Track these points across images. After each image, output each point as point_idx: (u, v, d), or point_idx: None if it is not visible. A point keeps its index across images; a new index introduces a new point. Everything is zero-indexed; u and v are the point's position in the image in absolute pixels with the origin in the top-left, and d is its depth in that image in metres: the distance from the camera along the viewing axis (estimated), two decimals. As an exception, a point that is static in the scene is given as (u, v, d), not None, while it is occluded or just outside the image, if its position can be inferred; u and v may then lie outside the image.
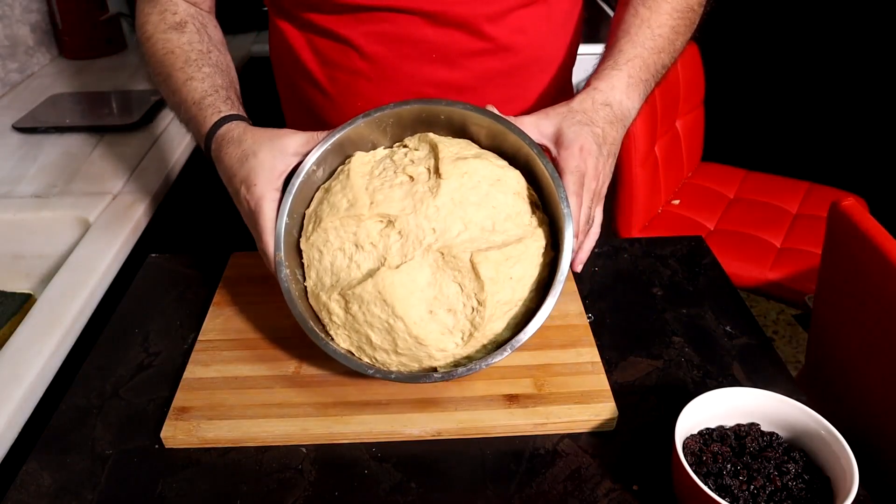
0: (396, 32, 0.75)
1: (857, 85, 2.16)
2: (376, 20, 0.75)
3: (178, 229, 1.12)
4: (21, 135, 1.21)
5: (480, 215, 0.60)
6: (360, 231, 0.60)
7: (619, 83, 0.68)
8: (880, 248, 0.84)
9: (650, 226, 1.75)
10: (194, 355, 0.68)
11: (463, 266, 0.58)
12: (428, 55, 0.76)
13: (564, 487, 0.55)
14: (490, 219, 0.60)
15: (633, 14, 0.73)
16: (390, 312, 0.57)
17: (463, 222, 0.59)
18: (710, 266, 0.82)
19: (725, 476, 0.51)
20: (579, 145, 0.62)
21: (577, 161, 0.61)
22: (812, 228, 1.71)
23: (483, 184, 0.61)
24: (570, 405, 0.61)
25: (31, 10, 1.53)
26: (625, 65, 0.69)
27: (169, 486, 0.57)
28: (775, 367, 0.67)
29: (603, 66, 0.71)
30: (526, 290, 0.60)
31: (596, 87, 0.68)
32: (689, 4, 0.75)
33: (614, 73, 0.69)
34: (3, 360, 0.71)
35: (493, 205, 0.60)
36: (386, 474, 0.57)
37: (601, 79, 0.69)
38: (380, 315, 0.58)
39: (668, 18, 0.73)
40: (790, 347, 2.01)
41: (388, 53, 0.76)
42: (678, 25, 0.74)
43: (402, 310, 0.57)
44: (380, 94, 0.78)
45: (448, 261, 0.58)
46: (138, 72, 1.53)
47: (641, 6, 0.74)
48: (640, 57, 0.70)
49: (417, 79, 0.78)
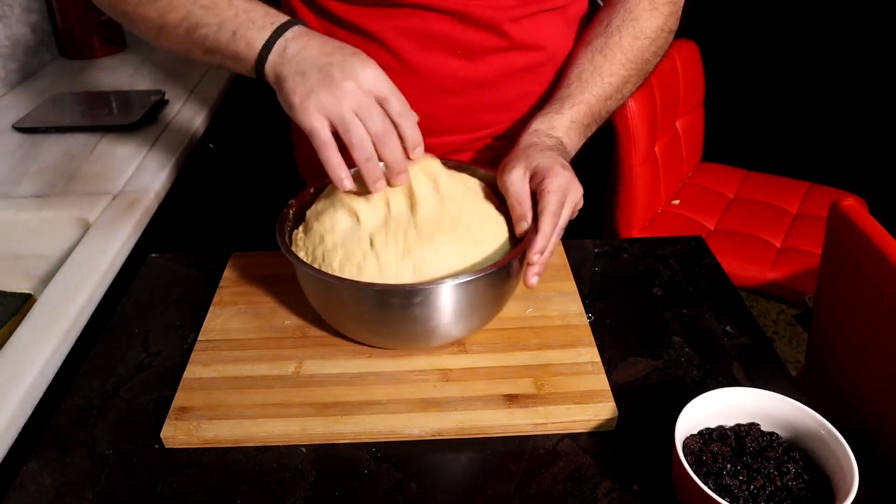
0: (424, 28, 0.76)
1: (857, 85, 2.16)
2: (405, 16, 0.76)
3: (178, 229, 1.12)
4: (21, 135, 1.21)
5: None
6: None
7: (559, 125, 0.73)
8: (880, 248, 0.84)
9: (650, 226, 1.75)
10: (194, 355, 0.68)
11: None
12: (454, 51, 0.78)
13: (564, 487, 0.55)
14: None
15: (588, 59, 0.78)
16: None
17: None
18: (710, 266, 0.82)
19: (725, 476, 0.51)
20: (559, 164, 0.65)
21: (560, 181, 0.64)
22: (812, 228, 1.71)
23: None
24: (570, 405, 0.61)
25: (31, 10, 1.53)
26: (568, 110, 0.74)
27: (169, 486, 0.57)
28: (775, 367, 0.67)
29: (548, 108, 0.75)
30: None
31: (537, 128, 0.72)
32: (645, 57, 0.79)
33: (556, 117, 0.73)
34: (3, 360, 0.71)
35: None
36: (386, 474, 0.57)
37: (543, 121, 0.73)
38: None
39: (620, 68, 0.77)
40: (790, 347, 2.01)
41: (414, 48, 0.78)
42: (629, 76, 0.78)
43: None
44: (404, 88, 0.78)
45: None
46: (138, 72, 1.53)
47: (598, 53, 0.78)
48: (585, 103, 0.75)
49: (442, 73, 0.79)
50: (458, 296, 0.61)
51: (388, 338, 0.67)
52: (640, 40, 0.78)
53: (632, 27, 0.77)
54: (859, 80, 2.15)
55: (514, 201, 0.65)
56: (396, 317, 0.63)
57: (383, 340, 0.67)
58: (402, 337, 0.66)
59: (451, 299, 0.61)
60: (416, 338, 0.65)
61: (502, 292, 0.66)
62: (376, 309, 0.63)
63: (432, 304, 0.61)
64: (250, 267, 0.80)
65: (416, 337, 0.65)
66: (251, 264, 0.80)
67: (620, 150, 1.61)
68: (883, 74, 2.10)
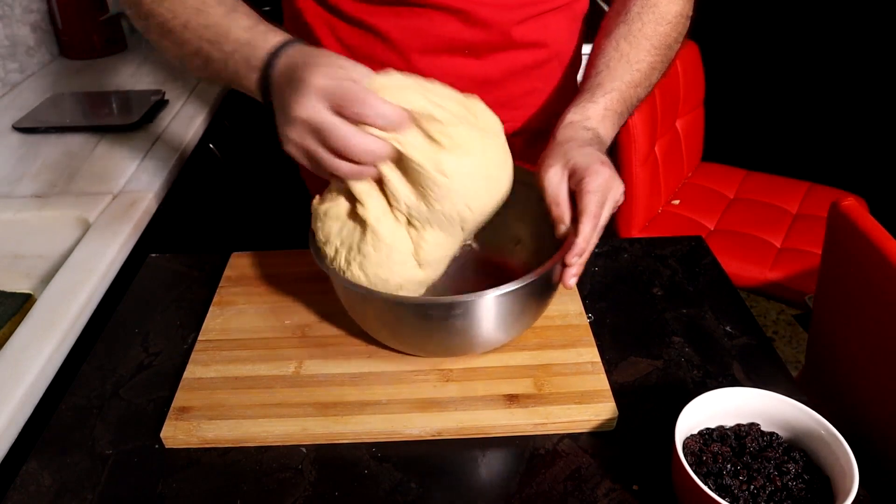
0: (430, 27, 0.76)
1: (857, 85, 2.16)
2: (411, 14, 0.76)
3: (178, 229, 1.12)
4: (21, 135, 1.21)
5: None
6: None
7: (593, 114, 0.71)
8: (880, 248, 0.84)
9: (650, 226, 1.75)
10: (194, 355, 0.68)
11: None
12: (460, 50, 0.78)
13: (564, 487, 0.55)
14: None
15: (613, 47, 0.76)
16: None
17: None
18: (710, 266, 0.82)
19: (725, 476, 0.51)
20: (598, 161, 0.63)
21: (600, 179, 0.62)
22: (812, 228, 1.71)
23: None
24: (570, 405, 0.61)
25: (31, 10, 1.53)
26: (601, 98, 0.72)
27: (169, 486, 0.57)
28: (775, 367, 0.67)
29: (579, 98, 0.73)
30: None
31: (571, 120, 0.71)
32: (667, 42, 0.78)
33: (590, 106, 0.72)
34: (3, 360, 0.71)
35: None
36: (386, 474, 0.57)
37: (577, 112, 0.71)
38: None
39: (646, 55, 0.76)
40: (790, 347, 2.01)
41: (419, 47, 0.78)
42: (655, 62, 0.77)
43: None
44: None
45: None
46: (138, 72, 1.53)
47: (623, 40, 0.76)
48: (616, 90, 0.73)
49: (447, 71, 0.79)
50: (499, 306, 0.60)
51: (428, 349, 0.66)
52: (662, 26, 0.77)
53: (652, 13, 0.77)
54: (859, 79, 2.15)
55: (551, 202, 0.64)
56: (437, 329, 0.62)
57: (424, 351, 0.67)
58: (444, 348, 0.65)
59: (492, 310, 0.61)
60: (458, 348, 0.65)
61: (544, 298, 0.66)
62: (417, 322, 0.62)
63: (474, 315, 0.60)
64: (250, 267, 0.80)
65: (457, 347, 0.65)
66: (251, 264, 0.80)
67: (620, 150, 1.61)
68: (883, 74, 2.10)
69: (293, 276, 0.78)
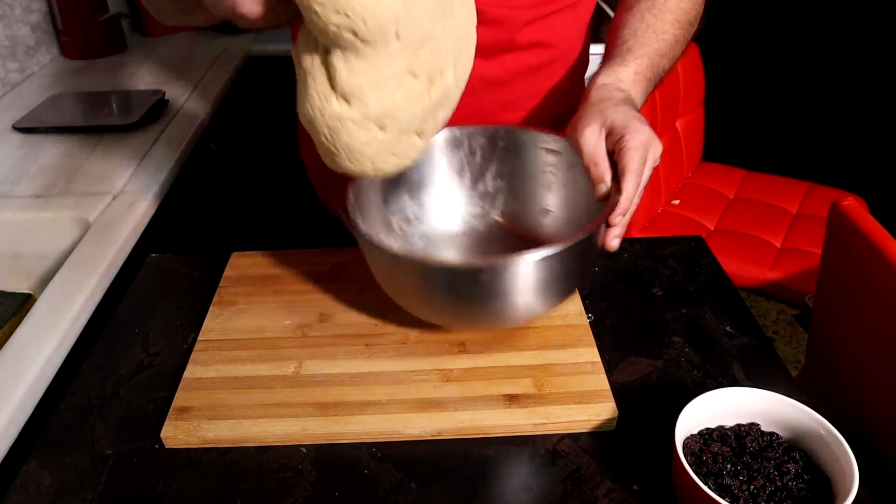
0: None
1: (857, 85, 2.16)
2: None
3: (178, 229, 1.12)
4: (21, 135, 1.21)
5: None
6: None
7: (625, 76, 0.70)
8: (880, 248, 0.84)
9: (650, 226, 1.75)
10: (194, 355, 0.68)
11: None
12: None
13: (564, 487, 0.55)
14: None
15: (638, 19, 0.76)
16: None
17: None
18: (710, 266, 0.82)
19: (725, 476, 0.51)
20: (637, 119, 0.63)
21: (640, 136, 0.61)
22: (812, 228, 1.71)
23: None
24: (570, 405, 0.61)
25: (31, 10, 1.53)
26: (632, 61, 0.71)
27: (169, 486, 0.57)
28: (775, 367, 0.67)
29: (609, 62, 0.72)
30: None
31: (604, 82, 0.70)
32: (689, 18, 0.78)
33: (621, 69, 0.71)
34: (3, 360, 0.71)
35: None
36: (386, 474, 0.57)
37: (608, 74, 0.70)
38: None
39: (670, 27, 0.76)
40: (790, 347, 2.01)
41: None
42: (679, 35, 0.77)
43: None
44: None
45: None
46: (138, 72, 1.53)
47: (647, 13, 0.76)
48: (647, 56, 0.73)
49: None
50: (540, 271, 0.57)
51: (464, 319, 0.63)
52: (684, 2, 0.77)
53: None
54: (859, 79, 2.15)
55: (589, 162, 0.63)
56: (473, 295, 0.59)
57: (460, 322, 0.64)
58: (481, 317, 0.62)
59: (533, 275, 0.57)
60: (494, 318, 0.62)
61: (586, 263, 0.63)
62: (453, 289, 0.59)
63: (510, 280, 0.57)
64: (250, 267, 0.80)
65: (493, 318, 0.62)
66: (251, 264, 0.80)
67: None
68: (883, 74, 2.10)
69: (293, 276, 0.78)
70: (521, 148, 0.74)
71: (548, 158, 0.64)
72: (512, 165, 0.75)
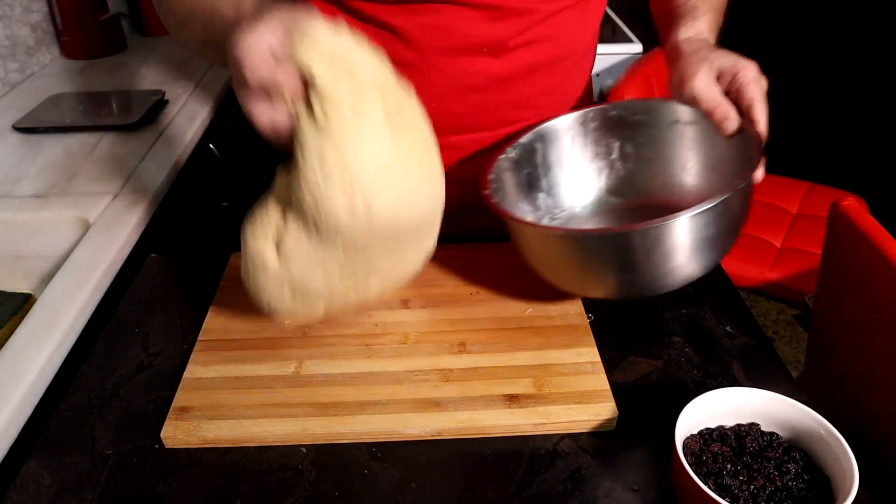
0: (449, 25, 0.76)
1: (856, 85, 2.16)
2: (429, 11, 0.75)
3: (178, 229, 1.12)
4: (21, 135, 1.21)
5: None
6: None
7: (703, 28, 0.73)
8: (880, 248, 0.84)
9: (650, 226, 1.75)
10: (194, 355, 0.68)
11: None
12: (479, 48, 0.78)
13: (564, 487, 0.55)
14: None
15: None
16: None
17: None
18: (710, 266, 0.82)
19: (725, 476, 0.51)
20: (739, 57, 0.65)
21: (752, 71, 0.64)
22: (812, 228, 1.71)
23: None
24: (570, 405, 0.61)
25: (31, 10, 1.53)
26: (702, 17, 0.74)
27: (169, 486, 0.57)
28: (775, 367, 0.67)
29: (682, 19, 0.74)
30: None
31: (688, 36, 0.71)
32: (723, 3, 0.81)
33: (697, 23, 0.73)
34: (3, 360, 0.71)
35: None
36: (386, 474, 0.57)
37: (686, 30, 0.73)
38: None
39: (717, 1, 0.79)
40: (790, 347, 2.01)
41: (439, 45, 0.77)
42: (724, 2, 0.79)
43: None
44: (430, 85, 0.78)
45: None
46: (138, 72, 1.53)
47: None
48: (711, 10, 0.75)
49: (467, 69, 0.79)
50: (705, 225, 0.59)
51: (628, 286, 0.65)
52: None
53: None
54: (859, 79, 2.15)
55: (712, 105, 0.64)
56: (639, 261, 0.60)
57: (624, 290, 0.65)
58: (645, 283, 0.63)
59: (699, 229, 0.59)
60: (647, 285, 0.63)
61: (742, 214, 0.64)
62: (614, 256, 0.61)
63: (667, 242, 0.59)
64: (250, 267, 0.80)
65: (658, 282, 0.63)
66: (251, 264, 0.80)
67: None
68: (883, 74, 2.10)
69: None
70: (650, 119, 0.77)
71: (679, 128, 0.69)
72: (641, 140, 0.79)
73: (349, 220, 0.54)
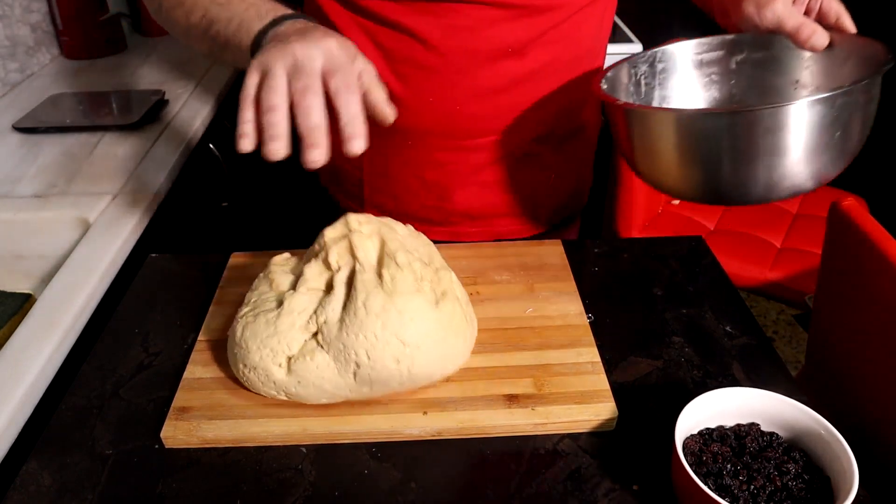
0: (471, 26, 0.75)
1: (857, 85, 2.16)
2: (450, 13, 0.75)
3: (178, 229, 1.12)
4: (21, 135, 1.21)
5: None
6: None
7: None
8: (880, 248, 0.84)
9: (650, 226, 1.75)
10: (194, 355, 0.68)
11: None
12: (503, 50, 0.78)
13: (564, 487, 0.55)
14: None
15: None
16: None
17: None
18: (710, 266, 0.82)
19: (725, 476, 0.51)
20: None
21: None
22: (812, 228, 1.71)
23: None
24: (570, 405, 0.61)
25: (31, 10, 1.53)
26: None
27: (169, 486, 0.57)
28: (775, 367, 0.67)
29: None
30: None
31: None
32: None
33: None
34: (3, 360, 0.71)
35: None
36: (386, 474, 0.57)
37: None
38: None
39: None
40: (790, 347, 2.01)
41: (462, 48, 0.77)
42: None
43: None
44: (451, 88, 0.78)
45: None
46: (138, 72, 1.53)
47: None
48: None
49: (490, 72, 0.79)
50: (814, 120, 0.58)
51: (736, 184, 0.62)
52: None
53: None
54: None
55: (797, 23, 0.66)
56: (755, 149, 0.58)
57: (731, 190, 0.63)
58: (752, 179, 0.61)
59: (806, 124, 0.57)
60: (756, 184, 0.61)
61: (866, 118, 0.64)
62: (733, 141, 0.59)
63: (785, 128, 0.57)
64: (250, 267, 0.80)
65: (756, 183, 0.61)
66: (251, 264, 0.80)
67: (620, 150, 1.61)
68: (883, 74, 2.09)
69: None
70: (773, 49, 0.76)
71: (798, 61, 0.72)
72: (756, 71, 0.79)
73: (389, 373, 0.59)
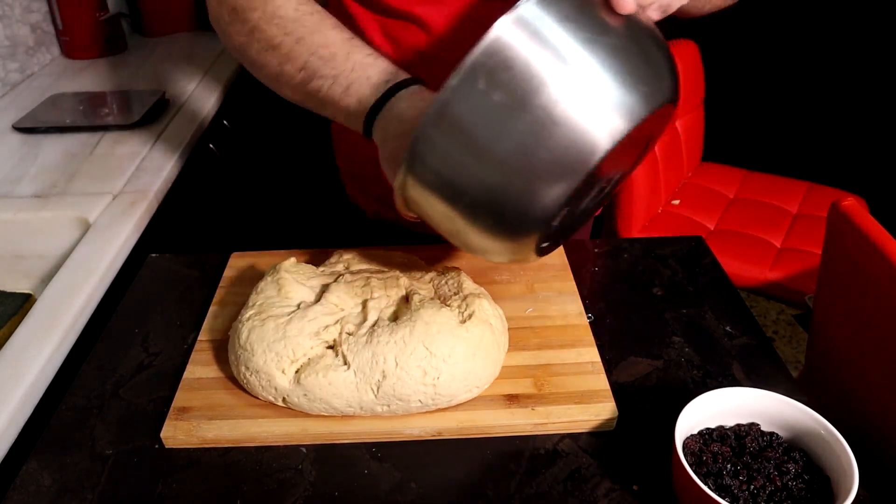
0: (477, 16, 0.75)
1: (856, 85, 2.16)
2: (457, 2, 0.74)
3: (178, 229, 1.12)
4: (21, 135, 1.21)
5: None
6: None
7: None
8: (880, 248, 0.84)
9: (650, 226, 1.75)
10: (194, 355, 0.68)
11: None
12: None
13: (564, 487, 0.55)
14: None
15: None
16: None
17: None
18: (710, 266, 0.82)
19: (725, 476, 0.51)
20: None
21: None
22: (812, 228, 1.71)
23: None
24: (570, 405, 0.61)
25: (31, 10, 1.53)
26: None
27: (169, 486, 0.57)
28: (775, 367, 0.67)
29: None
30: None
31: None
32: None
33: None
34: (3, 360, 0.71)
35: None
36: (386, 474, 0.57)
37: None
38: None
39: None
40: (790, 347, 2.01)
41: (468, 37, 0.76)
42: None
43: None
44: None
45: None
46: (138, 72, 1.53)
47: None
48: None
49: None
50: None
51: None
52: None
53: None
54: (859, 79, 2.15)
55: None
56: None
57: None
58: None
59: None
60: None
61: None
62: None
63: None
64: (250, 267, 0.80)
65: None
66: (251, 264, 0.80)
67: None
68: (883, 74, 2.10)
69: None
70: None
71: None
72: None
73: (414, 387, 0.59)
